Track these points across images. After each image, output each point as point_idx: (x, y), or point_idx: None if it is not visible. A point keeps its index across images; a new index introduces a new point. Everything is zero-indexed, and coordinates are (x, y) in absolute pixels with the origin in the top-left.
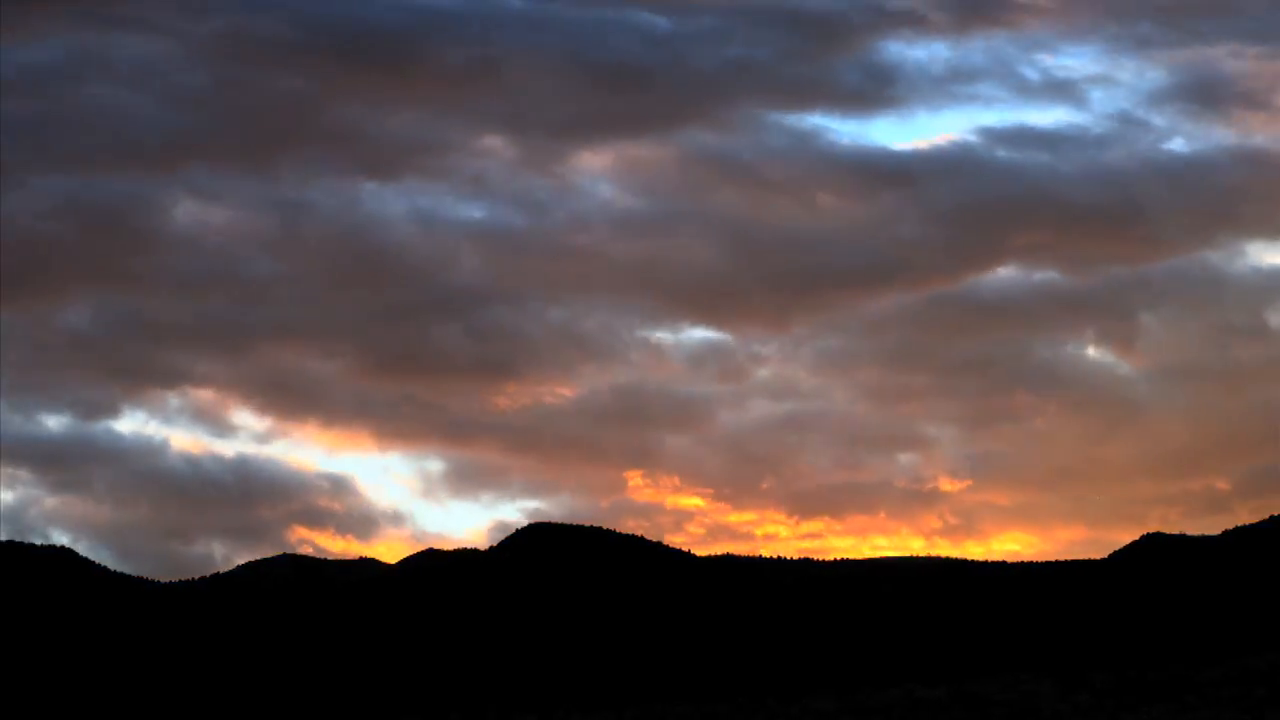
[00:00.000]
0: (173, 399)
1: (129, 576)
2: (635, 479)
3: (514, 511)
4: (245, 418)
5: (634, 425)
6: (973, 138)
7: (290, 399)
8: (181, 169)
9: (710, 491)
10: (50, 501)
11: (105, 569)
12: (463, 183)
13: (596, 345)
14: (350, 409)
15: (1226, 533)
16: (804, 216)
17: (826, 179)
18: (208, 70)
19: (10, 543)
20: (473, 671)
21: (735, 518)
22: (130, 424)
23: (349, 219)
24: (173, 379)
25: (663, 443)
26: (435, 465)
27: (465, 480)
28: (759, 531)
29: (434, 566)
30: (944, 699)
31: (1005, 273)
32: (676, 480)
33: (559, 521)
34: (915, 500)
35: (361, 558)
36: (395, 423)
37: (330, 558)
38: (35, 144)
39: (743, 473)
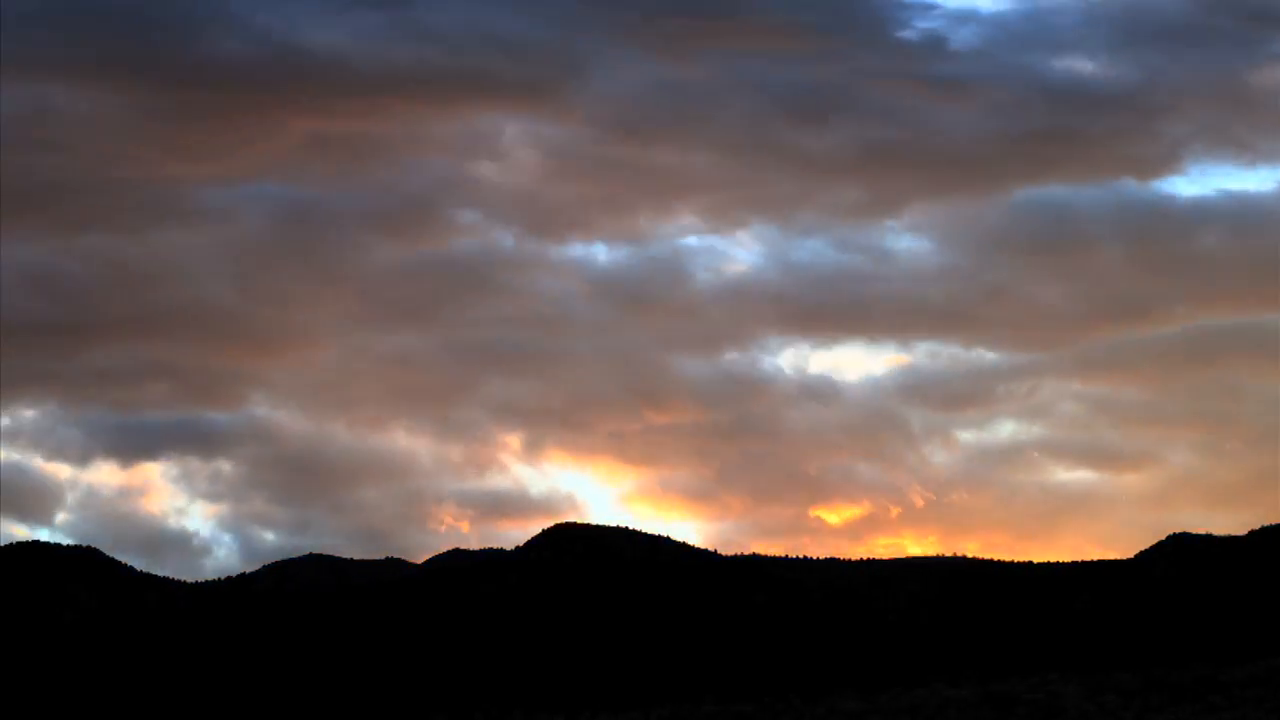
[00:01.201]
0: (438, 421)
1: (153, 576)
2: (828, 507)
3: (732, 532)
4: (505, 438)
5: (851, 452)
6: (1249, 189)
7: (544, 423)
8: (547, 232)
9: (876, 513)
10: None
11: (130, 569)
12: (786, 232)
13: (843, 383)
14: (596, 435)
15: (1252, 533)
16: (1088, 262)
17: (1118, 229)
18: (594, 146)
19: (35, 543)
20: (498, 672)
21: (881, 541)
22: (392, 443)
23: (669, 266)
24: (447, 404)
25: (870, 469)
26: (659, 487)
27: (681, 503)
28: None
29: (459, 567)
30: (970, 699)
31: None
32: (865, 504)
33: (588, 523)
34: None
35: (388, 558)
36: (636, 449)
37: (356, 558)
38: (430, 210)
39: (935, 495)
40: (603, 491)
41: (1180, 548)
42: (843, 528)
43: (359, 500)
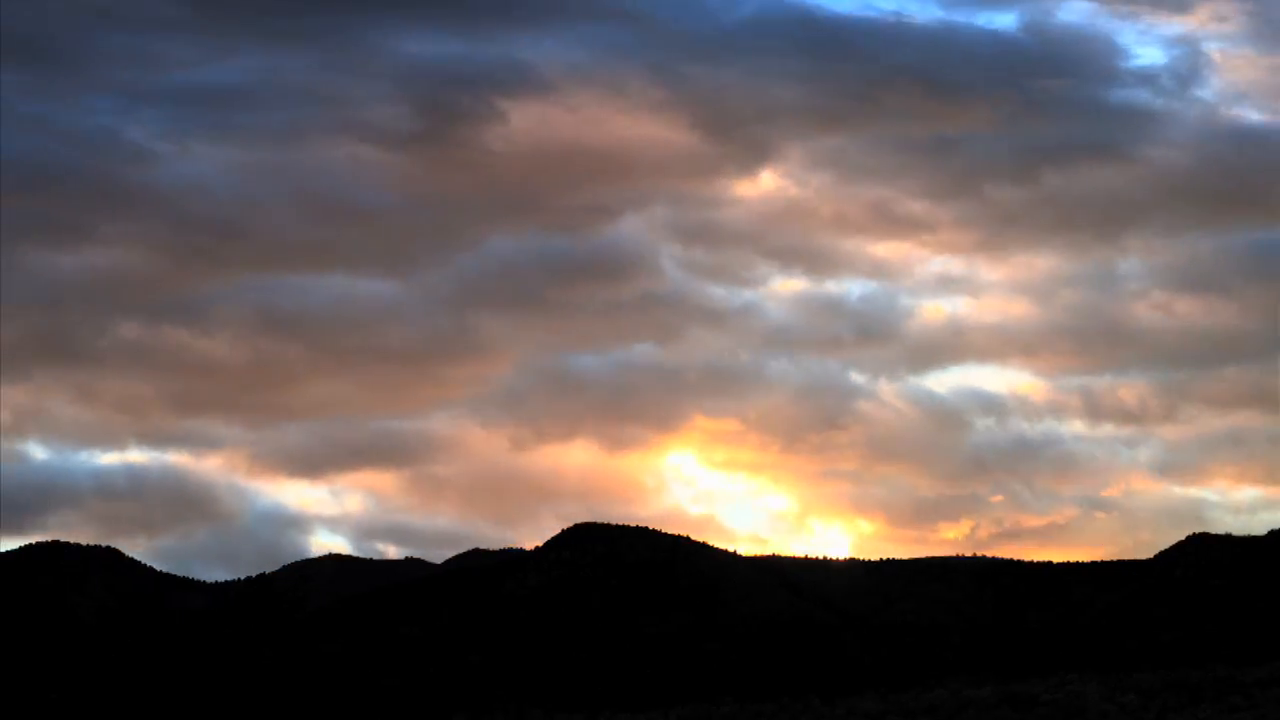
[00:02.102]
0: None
1: (173, 576)
2: (953, 524)
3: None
4: (669, 458)
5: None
6: None
7: (714, 444)
8: (751, 272)
9: (994, 530)
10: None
11: (150, 568)
12: (990, 269)
13: (1022, 406)
14: (762, 457)
15: (1272, 532)
16: None
17: None
18: (810, 193)
19: (55, 542)
20: (518, 670)
21: None
22: (563, 459)
23: (876, 301)
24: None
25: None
26: (811, 506)
27: (830, 520)
28: None
29: (479, 566)
30: (990, 699)
31: None
32: (987, 522)
33: (607, 523)
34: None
35: (407, 557)
36: (799, 470)
37: (375, 558)
38: (638, 256)
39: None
40: (753, 509)
41: (1200, 547)
42: (961, 542)
43: (518, 514)
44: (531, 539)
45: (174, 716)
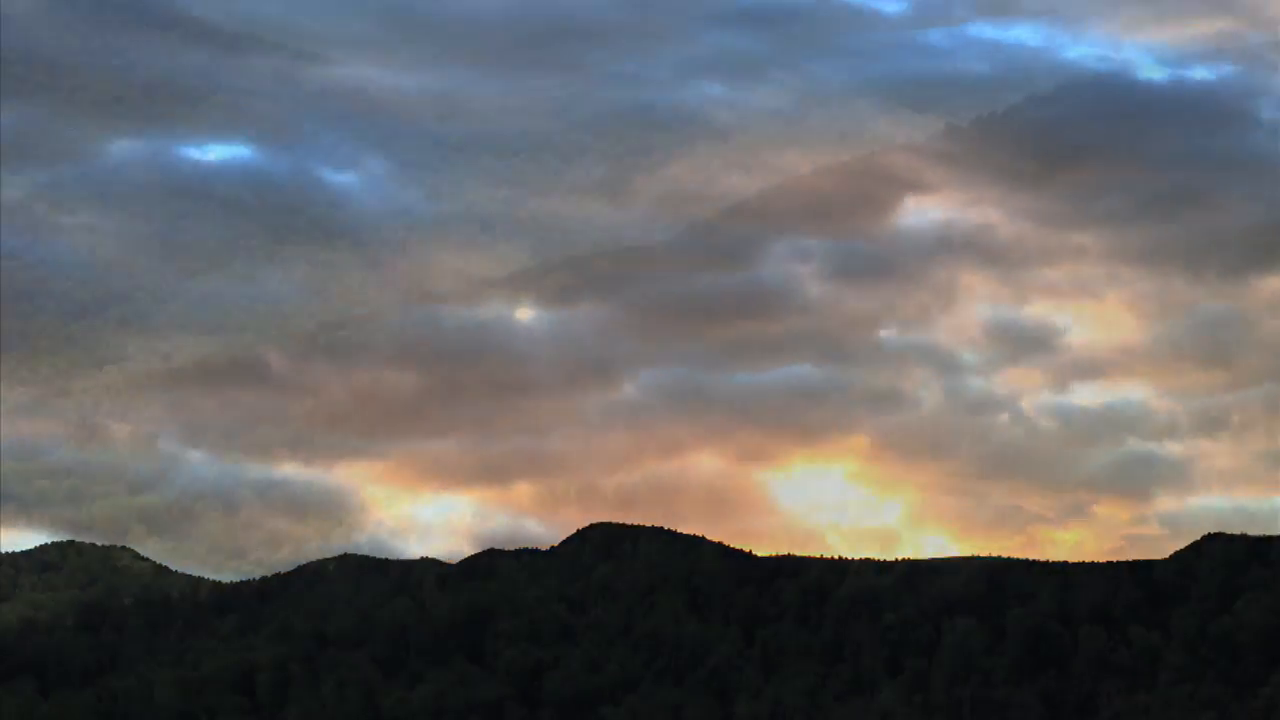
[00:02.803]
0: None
1: (188, 575)
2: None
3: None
4: (783, 466)
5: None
6: None
7: (836, 456)
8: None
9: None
10: None
11: (167, 568)
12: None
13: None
14: (878, 468)
15: None
16: None
17: None
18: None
19: (70, 542)
20: (529, 670)
21: None
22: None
23: (1039, 325)
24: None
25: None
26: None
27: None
28: None
29: (493, 565)
30: (1001, 697)
31: None
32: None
33: (624, 523)
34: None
35: (423, 557)
36: (917, 480)
37: (393, 558)
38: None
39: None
40: (861, 518)
41: (1216, 547)
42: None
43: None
44: None
45: (188, 711)
